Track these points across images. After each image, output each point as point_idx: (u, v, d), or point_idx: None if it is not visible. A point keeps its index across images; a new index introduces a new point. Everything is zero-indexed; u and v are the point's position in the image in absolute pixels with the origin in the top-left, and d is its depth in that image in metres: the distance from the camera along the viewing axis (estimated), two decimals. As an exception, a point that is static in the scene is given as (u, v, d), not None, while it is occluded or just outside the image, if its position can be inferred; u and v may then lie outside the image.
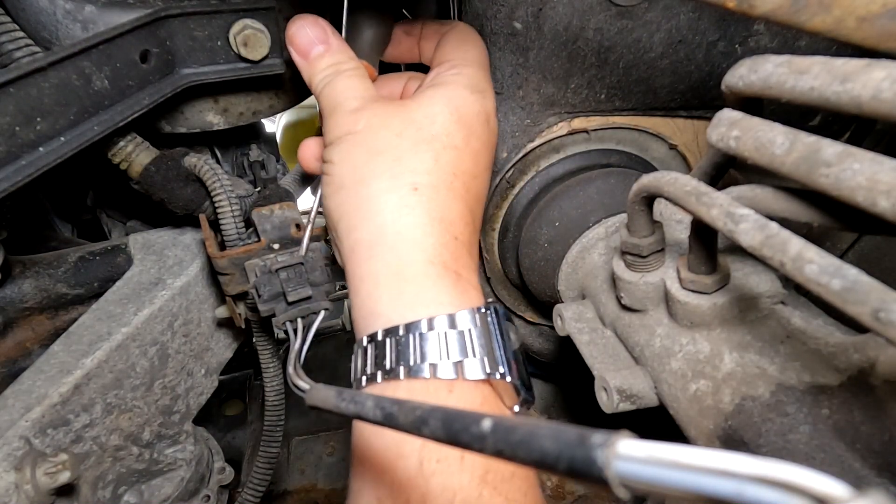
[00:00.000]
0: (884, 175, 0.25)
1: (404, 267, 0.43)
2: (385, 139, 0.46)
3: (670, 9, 0.60)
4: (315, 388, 0.36)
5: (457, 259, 0.45)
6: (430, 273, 0.43)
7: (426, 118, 0.47)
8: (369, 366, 0.41)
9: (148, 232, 0.70)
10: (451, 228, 0.45)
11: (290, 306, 0.53)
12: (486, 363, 0.40)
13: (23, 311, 0.63)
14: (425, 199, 0.45)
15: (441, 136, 0.47)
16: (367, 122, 0.47)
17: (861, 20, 0.28)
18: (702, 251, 0.43)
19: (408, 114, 0.47)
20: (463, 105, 0.49)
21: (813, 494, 0.15)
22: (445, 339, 0.40)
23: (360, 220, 0.45)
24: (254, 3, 0.53)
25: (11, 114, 0.41)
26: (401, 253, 0.43)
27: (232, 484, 0.76)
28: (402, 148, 0.46)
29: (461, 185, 0.47)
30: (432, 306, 0.42)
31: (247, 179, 0.70)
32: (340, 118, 0.48)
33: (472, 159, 0.49)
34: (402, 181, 0.45)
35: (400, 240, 0.43)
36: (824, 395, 0.39)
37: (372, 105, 0.48)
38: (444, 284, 0.43)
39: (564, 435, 0.17)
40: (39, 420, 0.53)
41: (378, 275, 0.43)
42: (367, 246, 0.44)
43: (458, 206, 0.47)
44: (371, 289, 0.43)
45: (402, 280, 0.42)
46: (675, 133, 0.72)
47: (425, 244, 0.44)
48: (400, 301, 0.42)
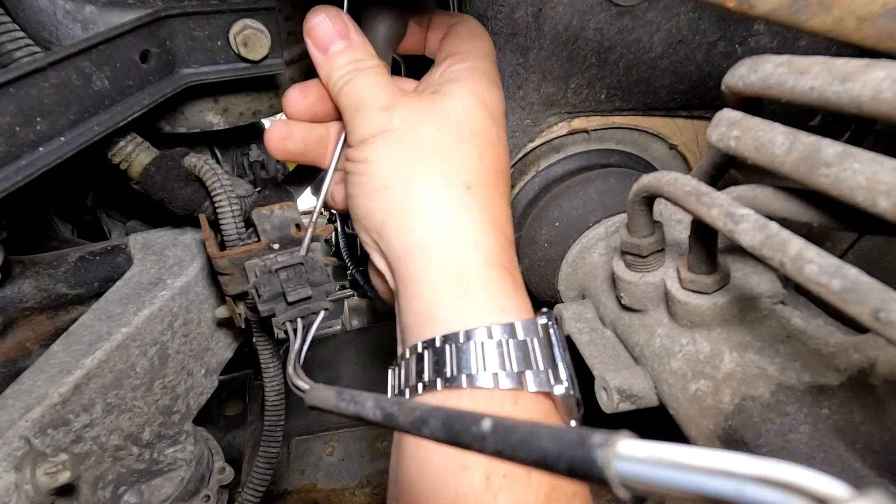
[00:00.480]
0: (884, 175, 0.25)
1: (465, 269, 0.41)
2: (426, 136, 0.44)
3: (670, 9, 0.60)
4: (315, 388, 0.36)
5: (511, 261, 0.44)
6: (492, 277, 0.42)
7: (463, 112, 0.45)
8: (427, 372, 0.40)
9: (148, 232, 0.70)
10: (504, 228, 0.45)
11: (290, 306, 0.53)
12: (551, 375, 0.39)
13: (23, 311, 0.63)
14: (479, 197, 0.44)
15: (480, 132, 0.46)
16: (403, 119, 0.45)
17: (861, 20, 0.28)
18: (702, 251, 0.43)
19: (444, 109, 0.45)
20: (489, 100, 0.48)
21: (813, 494, 0.15)
22: (507, 347, 0.39)
23: (414, 221, 0.43)
24: (254, 3, 0.53)
25: (11, 114, 0.41)
26: (461, 255, 0.41)
27: (232, 484, 0.76)
28: (446, 145, 0.44)
29: (502, 182, 0.47)
30: (493, 313, 0.40)
31: (247, 179, 0.70)
32: (371, 115, 0.45)
33: (505, 155, 0.48)
34: (453, 180, 0.43)
35: (459, 241, 0.42)
36: (824, 395, 0.39)
37: (404, 100, 0.46)
38: (504, 290, 0.42)
39: (564, 435, 0.17)
40: (39, 420, 0.53)
41: (439, 277, 0.41)
42: (424, 246, 0.42)
43: (504, 205, 0.46)
44: (431, 292, 0.41)
45: (463, 283, 0.41)
46: (675, 133, 0.72)
47: (485, 245, 0.42)
48: (461, 306, 0.40)
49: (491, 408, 0.38)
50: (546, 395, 0.39)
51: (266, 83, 0.62)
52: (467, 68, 0.49)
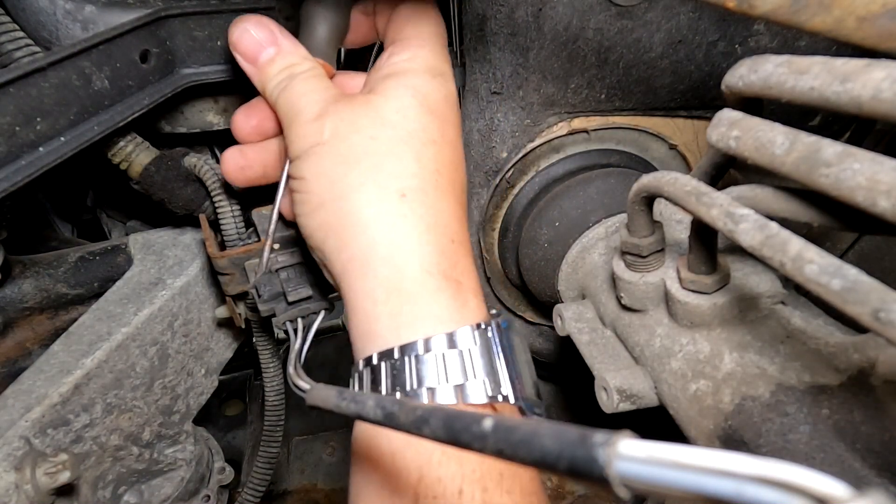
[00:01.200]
0: (884, 175, 0.25)
1: (401, 281, 0.40)
2: (358, 145, 0.42)
3: (670, 9, 0.60)
4: (315, 387, 0.36)
5: (455, 265, 0.42)
6: (429, 285, 0.40)
7: (397, 113, 0.43)
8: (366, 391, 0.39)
9: (148, 232, 0.70)
10: (447, 231, 0.43)
11: (291, 306, 0.53)
12: (488, 385, 0.38)
13: (23, 311, 0.63)
14: (416, 204, 0.42)
15: (417, 132, 0.44)
16: (333, 129, 0.43)
17: (861, 20, 0.28)
18: (702, 251, 0.43)
19: (376, 112, 0.43)
20: (429, 93, 0.45)
21: (813, 494, 0.15)
22: (444, 360, 0.38)
23: (349, 237, 0.42)
24: (254, 3, 0.53)
25: (11, 114, 0.41)
26: (397, 265, 0.40)
27: (232, 484, 0.76)
28: (380, 152, 0.42)
29: (447, 181, 0.44)
30: (430, 324, 0.39)
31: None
32: (302, 128, 0.44)
33: (451, 150, 0.46)
34: (387, 189, 0.42)
35: (395, 251, 0.41)
36: (824, 395, 0.39)
37: (335, 108, 0.44)
38: (443, 297, 0.40)
39: (565, 434, 0.17)
40: (39, 420, 0.53)
41: (374, 292, 0.40)
42: (361, 263, 0.41)
43: (448, 205, 0.44)
44: (368, 307, 0.40)
45: (400, 296, 0.40)
46: (675, 133, 0.72)
47: (422, 253, 0.41)
48: (397, 320, 0.39)
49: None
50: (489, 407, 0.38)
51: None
52: (406, 59, 0.46)
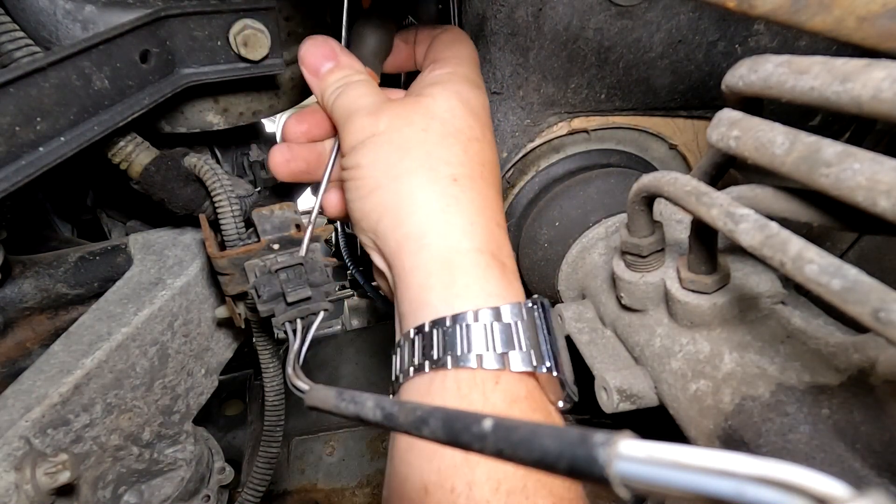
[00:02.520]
0: (884, 175, 0.25)
1: (455, 256, 0.43)
2: (411, 135, 0.47)
3: (670, 9, 0.60)
4: (315, 388, 0.36)
5: (501, 247, 0.46)
6: (480, 262, 0.43)
7: (446, 112, 0.48)
8: (416, 356, 0.42)
9: (148, 232, 0.70)
10: (493, 215, 0.47)
11: (290, 307, 0.53)
12: (533, 356, 0.40)
13: (23, 311, 0.63)
14: (466, 188, 0.46)
15: (464, 129, 0.48)
16: (388, 122, 0.47)
17: (861, 20, 0.28)
18: (702, 251, 0.43)
19: (427, 109, 0.48)
20: (471, 99, 0.50)
21: (813, 494, 0.15)
22: (492, 330, 0.40)
23: (405, 215, 0.45)
24: (254, 3, 0.53)
25: (11, 114, 0.41)
26: (451, 242, 0.44)
27: (232, 484, 0.76)
28: (431, 142, 0.47)
29: (489, 173, 0.49)
30: (480, 297, 0.42)
31: (247, 179, 0.70)
32: (359, 122, 0.48)
33: (491, 150, 0.51)
34: (440, 173, 0.45)
35: (449, 229, 0.44)
36: (824, 395, 0.39)
37: (389, 105, 0.49)
38: (492, 275, 0.43)
39: (566, 434, 0.17)
40: (39, 420, 0.53)
41: (429, 265, 0.43)
42: (416, 238, 0.44)
43: (492, 194, 0.48)
44: (422, 279, 0.43)
45: (453, 270, 0.43)
46: (675, 133, 0.72)
47: (473, 232, 0.44)
48: (450, 291, 0.42)
49: (473, 387, 0.39)
50: (530, 375, 0.41)
51: (266, 83, 0.62)
52: (448, 73, 0.52)
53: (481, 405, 0.39)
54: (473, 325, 0.40)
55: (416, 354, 0.42)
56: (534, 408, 0.40)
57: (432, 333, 0.41)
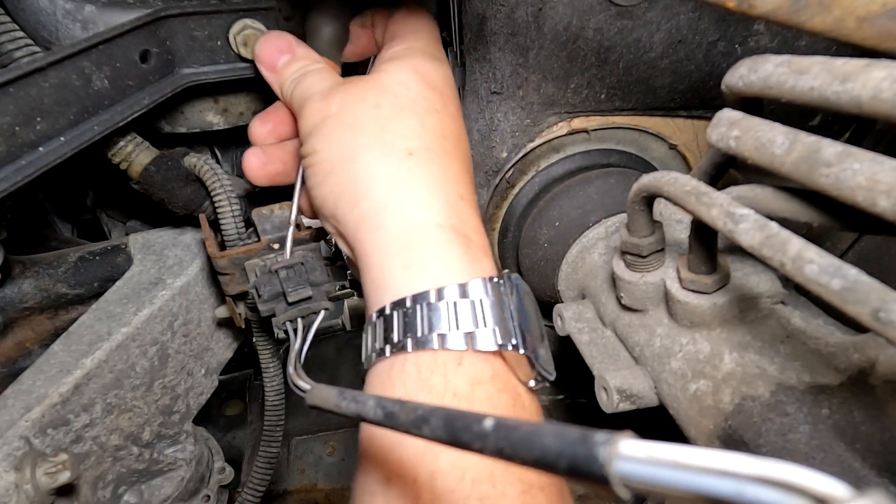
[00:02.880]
0: (884, 175, 0.25)
1: (413, 232, 0.41)
2: (364, 112, 0.45)
3: (670, 9, 0.60)
4: (316, 387, 0.36)
5: (465, 221, 0.43)
6: (440, 238, 0.41)
7: (400, 86, 0.46)
8: (378, 340, 0.40)
9: (148, 232, 0.70)
10: (456, 188, 0.44)
11: (291, 306, 0.53)
12: (498, 334, 0.38)
13: (23, 311, 0.63)
14: (423, 161, 0.44)
15: (419, 100, 0.46)
16: (341, 102, 0.46)
17: (861, 20, 0.28)
18: (702, 251, 0.43)
19: (380, 85, 0.47)
20: (428, 71, 0.49)
21: (813, 494, 0.15)
22: (455, 309, 0.38)
23: (360, 194, 0.43)
24: (254, 3, 0.53)
25: (11, 114, 0.41)
26: (408, 218, 0.42)
27: (232, 484, 0.76)
28: (384, 117, 0.45)
29: (452, 145, 0.46)
30: (442, 274, 0.40)
31: (247, 179, 0.70)
32: (313, 106, 0.47)
33: (453, 121, 0.48)
34: (394, 148, 0.44)
35: (405, 204, 0.42)
36: (824, 395, 0.39)
37: (342, 86, 0.47)
38: (454, 250, 0.41)
39: (566, 434, 0.17)
40: (39, 420, 0.53)
41: (387, 244, 0.41)
42: (372, 217, 0.42)
43: (455, 165, 0.46)
44: (381, 260, 0.41)
45: (412, 247, 0.41)
46: (675, 133, 0.72)
47: (431, 205, 0.42)
48: (410, 270, 0.40)
49: (434, 370, 0.37)
50: (496, 355, 0.39)
51: (266, 83, 0.62)
52: (405, 48, 0.50)
53: (442, 389, 0.36)
54: (437, 304, 0.38)
55: (377, 339, 0.40)
56: (500, 389, 0.37)
57: (392, 316, 0.39)
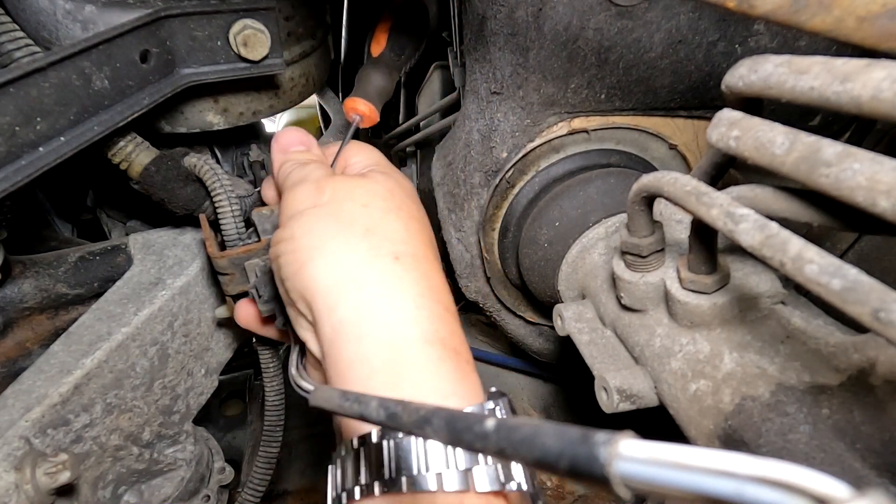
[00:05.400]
0: (884, 175, 0.25)
1: (401, 348, 0.38)
2: (352, 209, 0.44)
3: (670, 9, 0.60)
4: (319, 388, 0.36)
5: (452, 333, 0.40)
6: (431, 356, 0.38)
7: (387, 191, 0.47)
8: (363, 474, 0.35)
9: (148, 232, 0.70)
10: (441, 298, 0.42)
11: (291, 306, 0.53)
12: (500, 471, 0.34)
13: (23, 311, 0.63)
14: (410, 268, 0.42)
15: (404, 206, 0.46)
16: (332, 193, 0.45)
17: (861, 20, 0.28)
18: (702, 251, 0.43)
19: (369, 186, 0.46)
20: (404, 183, 0.50)
21: (813, 494, 0.15)
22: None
23: (340, 296, 0.40)
24: (254, 3, 0.53)
25: (11, 114, 0.41)
26: (395, 330, 0.38)
27: (232, 484, 0.76)
28: (372, 217, 0.44)
29: (432, 254, 0.46)
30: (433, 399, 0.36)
31: (247, 179, 0.70)
32: (304, 188, 0.46)
33: (429, 233, 0.48)
34: (381, 251, 0.42)
35: (392, 315, 0.39)
36: (824, 395, 0.39)
37: (334, 179, 0.47)
38: (445, 370, 0.38)
39: (567, 433, 0.17)
40: (39, 420, 0.53)
41: (371, 359, 0.37)
42: (354, 324, 0.39)
43: (437, 276, 0.44)
44: (364, 377, 0.37)
45: (398, 366, 0.37)
46: (675, 133, 0.72)
47: (419, 318, 0.39)
48: (397, 393, 0.36)
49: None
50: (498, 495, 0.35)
51: (266, 83, 0.62)
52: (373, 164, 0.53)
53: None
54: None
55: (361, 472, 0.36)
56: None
57: (381, 446, 0.35)
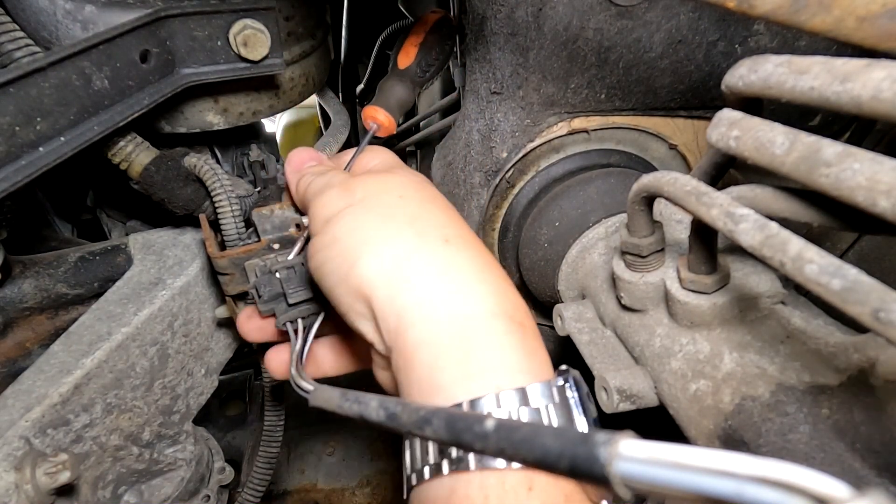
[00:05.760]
0: (884, 175, 0.25)
1: (466, 324, 0.37)
2: (390, 203, 0.43)
3: (670, 9, 0.60)
4: (319, 388, 0.36)
5: (517, 307, 0.40)
6: (497, 328, 0.37)
7: (418, 183, 0.46)
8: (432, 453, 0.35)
9: (148, 232, 0.70)
10: (499, 272, 0.41)
11: (291, 307, 0.53)
12: None
13: (23, 311, 0.63)
14: (462, 248, 0.41)
15: (437, 197, 0.46)
16: (364, 190, 0.44)
17: (861, 20, 0.28)
18: (702, 251, 0.43)
19: (399, 179, 0.46)
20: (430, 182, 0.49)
21: (813, 494, 0.15)
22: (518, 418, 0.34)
23: (400, 284, 0.39)
24: (254, 3, 0.53)
25: (11, 114, 0.41)
26: (459, 307, 0.38)
27: (232, 484, 0.76)
28: (412, 208, 0.43)
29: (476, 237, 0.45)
30: (501, 374, 0.36)
31: (247, 179, 0.70)
32: (332, 192, 0.45)
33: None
34: (429, 236, 0.41)
35: (453, 291, 0.38)
36: (824, 395, 0.39)
37: (362, 177, 0.46)
38: (511, 342, 0.37)
39: (567, 434, 0.17)
40: (39, 420, 0.53)
41: (437, 338, 0.37)
42: (417, 307, 0.38)
43: (489, 254, 0.43)
44: (431, 357, 0.37)
45: (466, 342, 0.36)
46: (675, 133, 0.72)
47: (481, 293, 0.39)
48: (465, 370, 0.36)
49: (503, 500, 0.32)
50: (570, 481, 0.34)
51: (266, 83, 0.62)
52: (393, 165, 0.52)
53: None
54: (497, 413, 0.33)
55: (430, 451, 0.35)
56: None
57: None
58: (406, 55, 0.69)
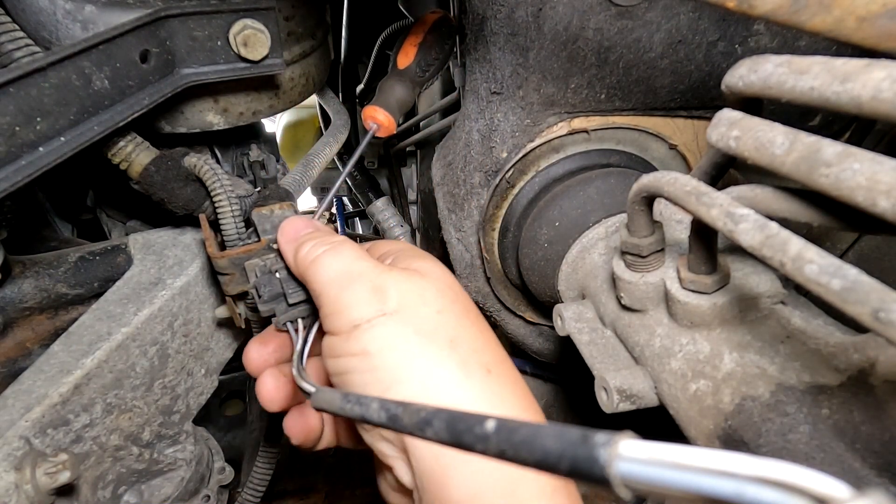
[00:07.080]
0: (884, 175, 0.25)
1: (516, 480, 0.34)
2: (429, 317, 0.40)
3: (670, 9, 0.60)
4: (320, 389, 0.36)
5: None
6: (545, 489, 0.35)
7: (448, 287, 0.43)
8: None
9: (148, 232, 0.70)
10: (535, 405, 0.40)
11: (291, 307, 0.53)
12: None
13: (23, 311, 0.63)
14: (503, 380, 0.39)
15: (469, 306, 0.43)
16: (400, 299, 0.40)
17: (861, 20, 0.28)
18: (702, 251, 0.43)
19: (434, 285, 0.42)
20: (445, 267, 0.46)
21: (813, 494, 0.15)
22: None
23: None
24: (254, 3, 0.53)
25: (11, 114, 0.41)
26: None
27: (232, 484, 0.76)
28: (451, 326, 0.40)
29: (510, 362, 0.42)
30: None
31: (247, 179, 0.70)
32: (360, 293, 0.40)
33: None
34: (471, 366, 0.38)
35: None
36: (824, 395, 0.39)
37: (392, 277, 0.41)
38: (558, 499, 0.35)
39: (567, 434, 0.17)
40: (39, 420, 0.53)
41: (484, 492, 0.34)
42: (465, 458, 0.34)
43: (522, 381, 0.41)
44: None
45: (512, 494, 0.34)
46: (675, 133, 0.72)
47: None
48: None
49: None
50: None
51: (266, 83, 0.62)
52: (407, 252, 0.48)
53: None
54: None
55: None
56: None
57: None
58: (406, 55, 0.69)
